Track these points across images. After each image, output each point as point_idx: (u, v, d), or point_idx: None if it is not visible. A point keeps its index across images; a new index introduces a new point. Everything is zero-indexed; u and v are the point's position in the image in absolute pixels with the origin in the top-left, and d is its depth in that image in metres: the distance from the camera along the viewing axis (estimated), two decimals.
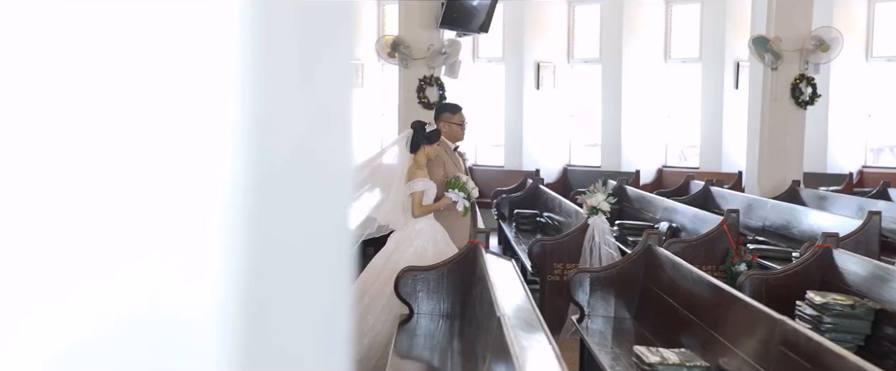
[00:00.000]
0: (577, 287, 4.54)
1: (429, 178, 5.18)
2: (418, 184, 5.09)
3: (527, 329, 2.74)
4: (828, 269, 4.40)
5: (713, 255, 5.77)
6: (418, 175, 5.12)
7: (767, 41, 9.53)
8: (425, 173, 5.17)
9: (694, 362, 3.07)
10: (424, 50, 9.85)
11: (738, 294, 3.24)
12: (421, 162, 5.20)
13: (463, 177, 5.22)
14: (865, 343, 3.84)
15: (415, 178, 5.11)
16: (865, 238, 5.63)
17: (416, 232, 5.06)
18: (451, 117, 5.64)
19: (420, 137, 5.21)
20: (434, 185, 5.18)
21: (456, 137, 5.62)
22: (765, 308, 2.95)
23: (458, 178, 5.17)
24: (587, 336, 4.26)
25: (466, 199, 5.13)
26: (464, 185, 5.13)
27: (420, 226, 5.08)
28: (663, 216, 7.83)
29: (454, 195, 5.12)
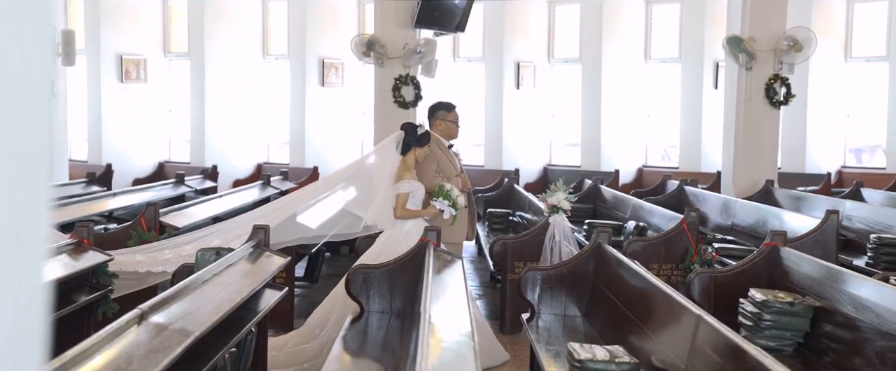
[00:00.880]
0: (527, 285, 4.55)
1: (417, 179, 5.18)
2: (404, 185, 5.11)
3: (448, 328, 2.75)
4: (775, 267, 4.42)
5: (673, 253, 5.79)
6: (406, 177, 5.14)
7: (741, 41, 9.56)
8: (413, 175, 5.19)
9: (622, 359, 3.08)
10: (400, 49, 9.85)
11: (671, 292, 3.25)
12: (409, 164, 5.22)
13: (447, 185, 5.20)
14: (805, 340, 3.86)
15: (402, 179, 5.12)
16: (823, 237, 5.66)
17: (404, 233, 5.07)
18: (445, 115, 5.65)
19: (411, 139, 5.23)
20: (422, 187, 5.19)
21: (451, 135, 5.63)
22: (690, 305, 2.97)
23: (443, 187, 5.17)
24: (535, 334, 4.27)
25: (453, 207, 5.13)
26: (448, 194, 5.13)
27: (408, 227, 5.09)
28: (633, 215, 7.85)
29: (440, 203, 5.12)
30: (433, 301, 3.16)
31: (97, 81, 12.45)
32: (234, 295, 3.29)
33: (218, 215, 7.51)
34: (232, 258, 3.84)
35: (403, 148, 5.26)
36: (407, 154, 5.24)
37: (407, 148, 5.25)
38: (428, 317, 2.68)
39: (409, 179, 5.14)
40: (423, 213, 5.14)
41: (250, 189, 9.42)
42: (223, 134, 12.74)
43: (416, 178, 5.19)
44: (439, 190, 5.16)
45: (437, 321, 2.81)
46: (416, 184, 5.15)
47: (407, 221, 5.09)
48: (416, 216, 5.12)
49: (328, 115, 12.68)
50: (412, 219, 5.10)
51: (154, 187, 9.21)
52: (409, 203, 5.12)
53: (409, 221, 5.09)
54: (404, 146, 5.26)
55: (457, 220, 5.20)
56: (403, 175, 5.15)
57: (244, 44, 12.83)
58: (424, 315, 2.69)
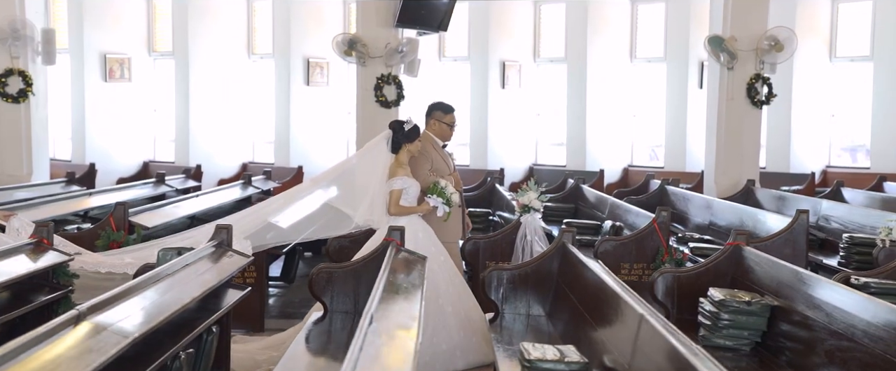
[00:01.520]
0: (491, 285, 4.55)
1: (411, 176, 5.17)
2: (397, 182, 5.09)
3: (393, 329, 2.74)
4: (738, 266, 4.42)
5: (644, 253, 5.80)
6: (399, 173, 5.12)
7: (722, 41, 9.57)
8: (406, 171, 5.17)
9: (572, 358, 3.08)
10: (382, 48, 9.84)
11: (620, 291, 3.25)
12: (402, 160, 5.20)
13: (442, 181, 5.20)
14: (762, 339, 3.86)
15: (395, 176, 5.11)
16: (793, 236, 5.66)
17: None
18: (442, 116, 5.62)
19: (400, 136, 5.21)
20: (416, 183, 5.16)
21: (444, 137, 5.61)
22: (636, 305, 2.97)
23: (437, 184, 5.16)
24: (497, 334, 4.27)
25: (446, 204, 5.11)
26: (442, 191, 5.11)
27: (400, 224, 5.07)
28: (610, 215, 7.85)
29: (433, 200, 5.11)
30: (385, 302, 3.16)
31: (81, 80, 12.43)
32: (184, 295, 3.28)
33: (195, 214, 7.51)
34: (189, 258, 3.83)
35: (394, 146, 5.25)
36: (399, 152, 5.23)
37: (397, 145, 5.24)
38: (369, 318, 2.67)
39: (402, 176, 5.12)
40: (416, 209, 5.13)
41: (231, 188, 9.41)
42: (208, 133, 12.72)
43: (410, 175, 5.17)
44: (433, 187, 5.17)
45: (383, 322, 2.81)
46: (409, 180, 5.14)
47: (400, 218, 5.08)
48: (411, 213, 5.11)
49: (313, 115, 12.66)
50: (406, 215, 5.09)
51: (133, 187, 9.19)
52: (402, 200, 5.11)
53: (402, 218, 5.08)
54: (394, 144, 5.25)
55: (450, 217, 5.19)
56: (397, 172, 5.14)
57: (229, 43, 12.81)
58: (366, 316, 2.68)
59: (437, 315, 4.71)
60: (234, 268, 4.16)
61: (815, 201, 8.07)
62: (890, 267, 4.30)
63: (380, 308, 2.95)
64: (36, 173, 9.83)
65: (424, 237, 5.06)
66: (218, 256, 4.28)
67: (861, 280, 4.17)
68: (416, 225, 5.09)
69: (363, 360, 2.30)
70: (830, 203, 7.70)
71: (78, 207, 7.26)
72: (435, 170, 5.42)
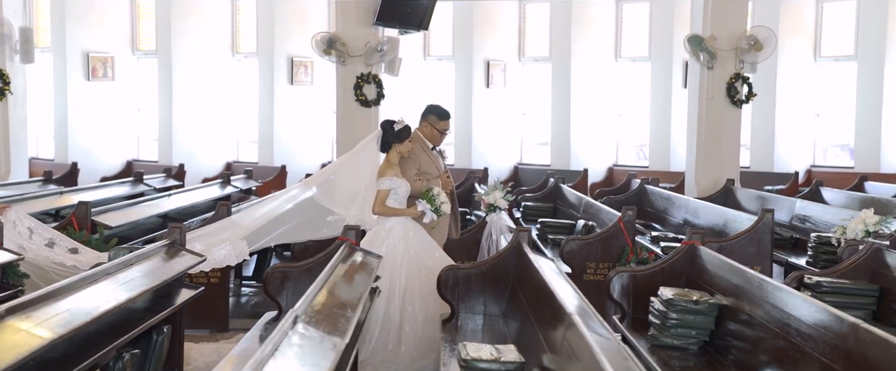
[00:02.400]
0: (446, 284, 4.53)
1: (401, 176, 5.14)
2: (385, 182, 5.06)
3: (321, 330, 2.72)
4: (693, 266, 4.40)
5: (610, 252, 5.78)
6: (388, 173, 5.09)
7: (702, 40, 9.55)
8: (396, 172, 5.14)
9: (508, 358, 3.06)
10: (361, 47, 9.81)
11: (557, 291, 3.23)
12: (392, 160, 5.17)
13: (435, 189, 5.16)
14: (711, 339, 3.84)
15: (384, 175, 5.08)
16: (758, 236, 5.64)
17: (387, 231, 5.04)
18: (436, 121, 5.58)
19: (390, 136, 5.19)
20: (405, 184, 5.13)
21: (433, 141, 5.58)
22: (567, 305, 2.95)
23: (429, 191, 5.13)
24: (449, 334, 4.25)
25: (435, 212, 5.09)
26: (433, 199, 5.09)
27: (391, 224, 5.05)
28: (584, 214, 7.84)
29: (422, 205, 5.08)
30: (321, 302, 3.14)
31: (63, 79, 12.41)
32: (118, 295, 3.26)
33: (168, 213, 7.49)
34: (132, 258, 3.81)
35: (383, 146, 5.22)
36: (389, 152, 5.20)
37: (386, 145, 5.21)
38: (293, 318, 2.65)
39: (391, 176, 5.09)
40: (403, 212, 5.10)
41: (209, 187, 9.39)
42: (191, 132, 12.70)
43: (400, 176, 5.15)
44: (425, 193, 5.14)
45: (313, 322, 2.79)
46: (398, 181, 5.11)
47: (390, 219, 5.06)
48: (397, 214, 5.08)
49: (297, 114, 12.65)
50: (393, 216, 5.07)
51: (110, 186, 9.17)
52: (391, 200, 5.08)
53: (392, 219, 5.06)
54: (384, 144, 5.22)
55: (437, 224, 5.17)
56: (386, 172, 5.11)
57: (213, 42, 12.79)
58: (290, 315, 2.66)
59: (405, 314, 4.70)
60: (183, 267, 4.14)
61: (791, 201, 8.05)
62: (842, 267, 4.28)
63: (313, 308, 2.92)
64: (15, 172, 9.82)
65: (414, 237, 5.05)
66: (171, 256, 4.26)
67: (814, 279, 4.16)
68: (406, 224, 5.08)
69: (276, 361, 2.28)
70: (804, 203, 7.68)
71: (50, 206, 7.23)
72: (422, 172, 5.39)
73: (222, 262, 5.54)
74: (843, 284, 4.09)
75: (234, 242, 5.61)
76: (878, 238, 4.30)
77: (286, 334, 2.50)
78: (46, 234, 5.02)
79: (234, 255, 5.60)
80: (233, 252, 5.60)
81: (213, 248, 5.42)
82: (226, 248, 5.54)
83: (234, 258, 5.59)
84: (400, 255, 4.93)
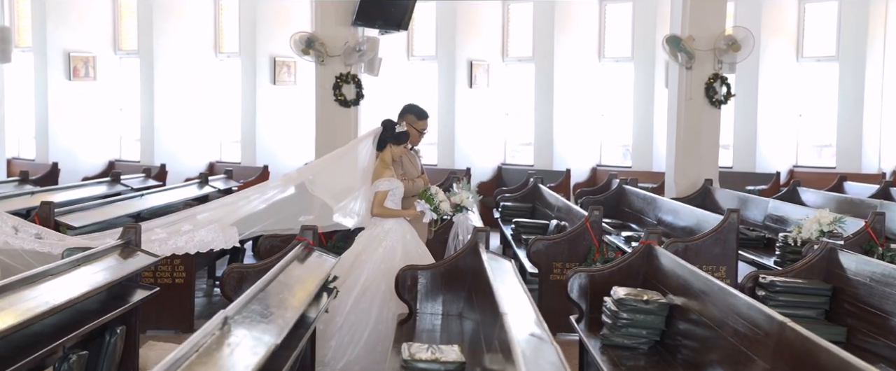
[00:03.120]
0: (404, 284, 4.52)
1: (396, 177, 5.14)
2: (383, 183, 5.05)
3: (252, 333, 2.71)
4: (650, 266, 4.40)
5: (576, 252, 5.78)
6: (385, 174, 5.08)
7: (680, 40, 9.55)
8: (392, 173, 5.14)
9: (448, 358, 3.06)
10: (340, 47, 9.79)
11: (497, 289, 3.22)
12: (387, 161, 5.16)
13: (433, 188, 5.19)
14: (661, 338, 3.84)
15: (382, 177, 5.07)
16: (722, 236, 5.64)
17: (385, 232, 5.04)
18: (414, 121, 5.60)
19: (388, 135, 5.18)
20: (401, 185, 5.14)
21: (413, 141, 5.61)
22: (503, 304, 2.94)
23: (427, 191, 5.14)
24: (410, 334, 4.24)
25: (435, 211, 5.10)
26: (431, 198, 5.10)
27: (389, 225, 5.05)
28: (558, 215, 7.84)
29: (421, 206, 5.09)
30: (262, 303, 3.13)
31: (44, 79, 12.37)
32: (67, 293, 3.25)
33: (140, 213, 7.46)
34: (80, 259, 3.79)
35: (380, 143, 5.21)
36: (383, 151, 5.19)
37: (383, 144, 5.20)
38: (224, 318, 2.64)
39: (388, 177, 5.09)
40: (403, 213, 5.12)
41: (187, 187, 9.37)
42: (174, 132, 12.68)
43: (395, 177, 5.14)
44: (423, 192, 5.16)
45: (244, 324, 2.77)
46: (395, 182, 5.11)
47: (388, 220, 5.06)
48: (396, 215, 5.09)
49: (280, 114, 12.63)
50: (391, 218, 5.06)
51: (87, 186, 9.14)
52: (388, 202, 5.08)
53: (389, 220, 5.06)
54: (381, 142, 5.21)
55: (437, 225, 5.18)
56: (383, 173, 5.10)
57: (195, 41, 12.77)
58: (219, 316, 2.65)
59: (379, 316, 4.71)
60: (137, 267, 4.12)
61: (765, 201, 8.06)
62: (797, 266, 4.28)
63: (249, 309, 2.91)
64: None
65: (411, 239, 5.06)
66: (125, 256, 4.24)
67: (768, 279, 4.16)
68: (404, 226, 5.09)
69: (193, 362, 2.26)
70: (777, 203, 7.68)
71: (21, 206, 7.20)
72: (405, 173, 5.41)
73: (208, 245, 5.53)
74: (797, 284, 4.09)
75: (224, 227, 5.61)
76: (832, 238, 4.30)
77: (213, 335, 2.49)
78: (32, 229, 5.02)
79: (223, 239, 5.59)
80: (221, 236, 5.59)
81: (200, 229, 5.42)
82: (214, 231, 5.53)
83: (222, 242, 5.58)
84: (398, 256, 4.94)
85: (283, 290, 3.47)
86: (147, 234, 5.13)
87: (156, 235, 5.39)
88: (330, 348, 4.61)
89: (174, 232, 5.52)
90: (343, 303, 4.69)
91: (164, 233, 5.51)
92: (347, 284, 4.78)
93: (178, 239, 5.45)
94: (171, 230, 5.57)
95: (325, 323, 4.63)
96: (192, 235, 5.57)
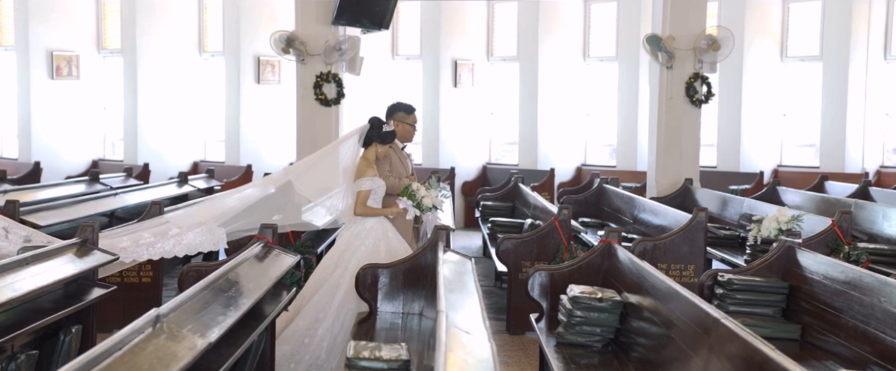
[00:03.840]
0: (364, 283, 4.50)
1: (379, 176, 5.12)
2: (365, 182, 5.03)
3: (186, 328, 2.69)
4: (610, 264, 4.39)
5: (545, 251, 5.77)
6: (368, 173, 5.06)
7: (660, 40, 9.54)
8: (375, 171, 5.12)
9: (391, 356, 3.04)
10: (321, 46, 9.76)
11: (440, 287, 3.21)
12: (370, 159, 5.15)
13: (414, 185, 5.18)
14: (616, 336, 3.83)
15: (364, 175, 5.05)
16: (691, 235, 5.63)
17: (367, 230, 5.02)
18: (404, 117, 5.61)
19: (374, 134, 5.16)
20: (383, 184, 5.13)
21: (407, 137, 5.61)
22: (440, 301, 2.92)
23: (409, 188, 5.14)
24: (370, 333, 4.22)
25: (418, 207, 5.09)
26: (413, 194, 5.09)
27: (370, 224, 5.04)
28: (534, 214, 7.83)
29: (404, 203, 5.08)
30: (200, 301, 3.11)
31: (27, 78, 12.34)
32: (6, 293, 3.22)
33: (115, 212, 7.44)
34: (29, 257, 3.77)
35: (365, 141, 5.19)
36: (367, 149, 5.17)
37: (368, 142, 5.18)
38: (155, 316, 2.62)
39: (371, 176, 5.07)
40: (386, 211, 5.10)
41: (166, 186, 9.34)
42: (157, 132, 12.65)
43: (378, 175, 5.13)
44: (406, 190, 5.15)
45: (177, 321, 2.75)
46: (378, 181, 5.10)
47: (369, 219, 5.05)
48: (378, 214, 5.08)
49: (264, 113, 12.60)
50: (373, 216, 5.05)
51: (64, 185, 9.11)
52: (371, 200, 5.06)
53: (371, 219, 5.05)
54: (367, 139, 5.19)
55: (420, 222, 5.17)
56: (365, 171, 5.08)
57: (179, 40, 12.74)
58: (151, 314, 2.63)
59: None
60: (92, 265, 4.10)
61: (741, 200, 8.06)
62: (755, 264, 4.27)
63: (186, 307, 2.89)
64: None
65: (393, 236, 5.05)
66: (81, 254, 4.22)
67: (726, 277, 4.15)
68: (385, 225, 5.07)
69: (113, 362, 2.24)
70: (753, 202, 7.67)
71: None
72: (393, 171, 5.41)
73: (196, 248, 5.48)
74: (754, 282, 4.08)
75: (211, 229, 5.57)
76: (791, 236, 4.29)
77: (141, 333, 2.47)
78: (21, 231, 4.99)
79: (211, 241, 5.55)
80: (209, 239, 5.55)
81: (188, 232, 5.38)
82: (201, 233, 5.49)
83: (211, 245, 5.54)
84: (383, 253, 4.93)
85: (231, 288, 3.45)
86: (132, 237, 5.08)
87: (144, 239, 5.31)
88: (323, 349, 4.58)
89: (161, 234, 5.45)
90: (329, 302, 4.67)
91: (152, 236, 5.44)
92: (330, 283, 4.77)
93: (165, 242, 5.38)
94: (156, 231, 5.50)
95: (312, 322, 4.60)
96: (180, 239, 5.52)
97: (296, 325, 4.66)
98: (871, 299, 3.24)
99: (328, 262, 4.96)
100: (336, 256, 4.97)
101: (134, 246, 5.01)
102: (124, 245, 4.96)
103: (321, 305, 4.71)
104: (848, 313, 3.42)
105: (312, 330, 4.64)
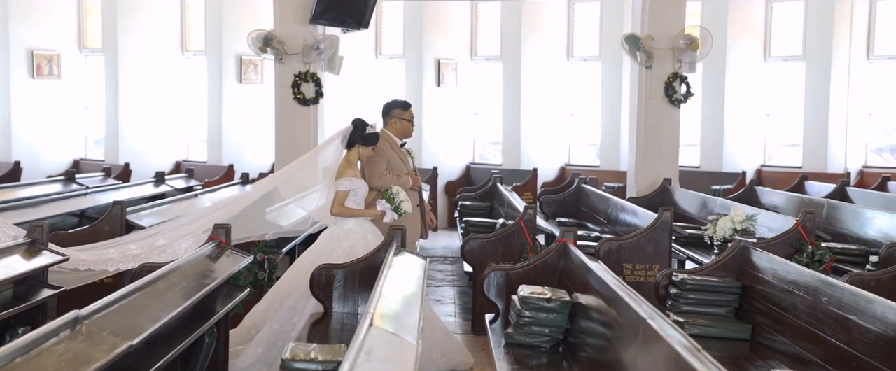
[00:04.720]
0: (318, 283, 4.47)
1: (360, 177, 5.09)
2: (344, 182, 5.00)
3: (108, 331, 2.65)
4: (565, 264, 4.36)
5: (511, 251, 5.74)
6: (347, 174, 5.03)
7: (639, 39, 9.52)
8: (355, 172, 5.08)
9: (325, 357, 3.01)
10: (299, 45, 9.72)
11: (383, 289, 3.18)
12: (352, 160, 5.11)
13: (394, 188, 5.14)
14: (565, 336, 3.80)
15: (344, 176, 5.01)
16: (656, 235, 5.60)
17: (346, 232, 4.99)
18: (401, 113, 5.60)
19: (357, 135, 5.12)
20: (364, 185, 5.09)
21: (405, 134, 5.60)
22: (371, 302, 2.89)
23: (388, 191, 5.11)
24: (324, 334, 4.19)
25: (395, 211, 5.06)
26: (392, 198, 5.05)
27: (349, 225, 5.00)
28: (507, 213, 7.80)
29: (382, 205, 5.05)
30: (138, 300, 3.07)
31: (6, 77, 12.29)
32: None
33: (86, 211, 7.40)
34: None
35: (348, 142, 5.16)
36: (350, 150, 5.14)
37: (351, 143, 5.15)
38: (75, 317, 2.58)
39: (350, 177, 5.03)
40: (363, 213, 5.06)
41: (142, 185, 9.30)
42: (139, 131, 12.60)
43: (358, 176, 5.10)
44: (385, 192, 5.12)
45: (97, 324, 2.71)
46: (357, 181, 5.06)
47: (348, 220, 5.02)
48: (356, 215, 5.03)
49: (246, 113, 12.57)
50: (352, 217, 5.01)
51: (39, 184, 9.07)
52: (350, 201, 5.03)
53: (350, 220, 5.02)
54: (350, 141, 5.15)
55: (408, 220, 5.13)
56: (345, 172, 5.05)
57: (161, 40, 12.70)
58: (72, 315, 2.59)
59: None
60: (41, 265, 4.07)
61: (714, 200, 8.03)
62: (710, 264, 4.24)
63: (113, 309, 2.85)
64: None
65: (373, 240, 4.98)
66: (31, 254, 4.18)
67: (679, 276, 4.12)
68: (365, 227, 5.03)
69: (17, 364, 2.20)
70: (726, 202, 7.65)
71: None
72: (391, 168, 5.38)
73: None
74: (707, 282, 4.05)
75: (197, 236, 5.53)
76: (745, 236, 4.26)
77: (54, 335, 2.43)
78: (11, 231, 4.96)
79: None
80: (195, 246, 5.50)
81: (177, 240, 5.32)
82: (187, 241, 5.45)
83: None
84: (360, 255, 4.85)
85: (171, 289, 3.41)
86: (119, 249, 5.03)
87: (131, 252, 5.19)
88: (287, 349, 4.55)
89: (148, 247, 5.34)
90: (304, 306, 4.62)
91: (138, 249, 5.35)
92: (305, 286, 4.72)
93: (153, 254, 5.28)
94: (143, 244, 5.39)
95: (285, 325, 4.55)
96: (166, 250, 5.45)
97: (270, 328, 4.62)
98: (814, 299, 3.22)
99: (304, 263, 4.91)
100: (313, 258, 4.92)
101: (121, 257, 4.96)
102: (111, 256, 4.92)
103: (296, 308, 4.67)
104: (793, 313, 3.39)
105: (285, 333, 4.60)
